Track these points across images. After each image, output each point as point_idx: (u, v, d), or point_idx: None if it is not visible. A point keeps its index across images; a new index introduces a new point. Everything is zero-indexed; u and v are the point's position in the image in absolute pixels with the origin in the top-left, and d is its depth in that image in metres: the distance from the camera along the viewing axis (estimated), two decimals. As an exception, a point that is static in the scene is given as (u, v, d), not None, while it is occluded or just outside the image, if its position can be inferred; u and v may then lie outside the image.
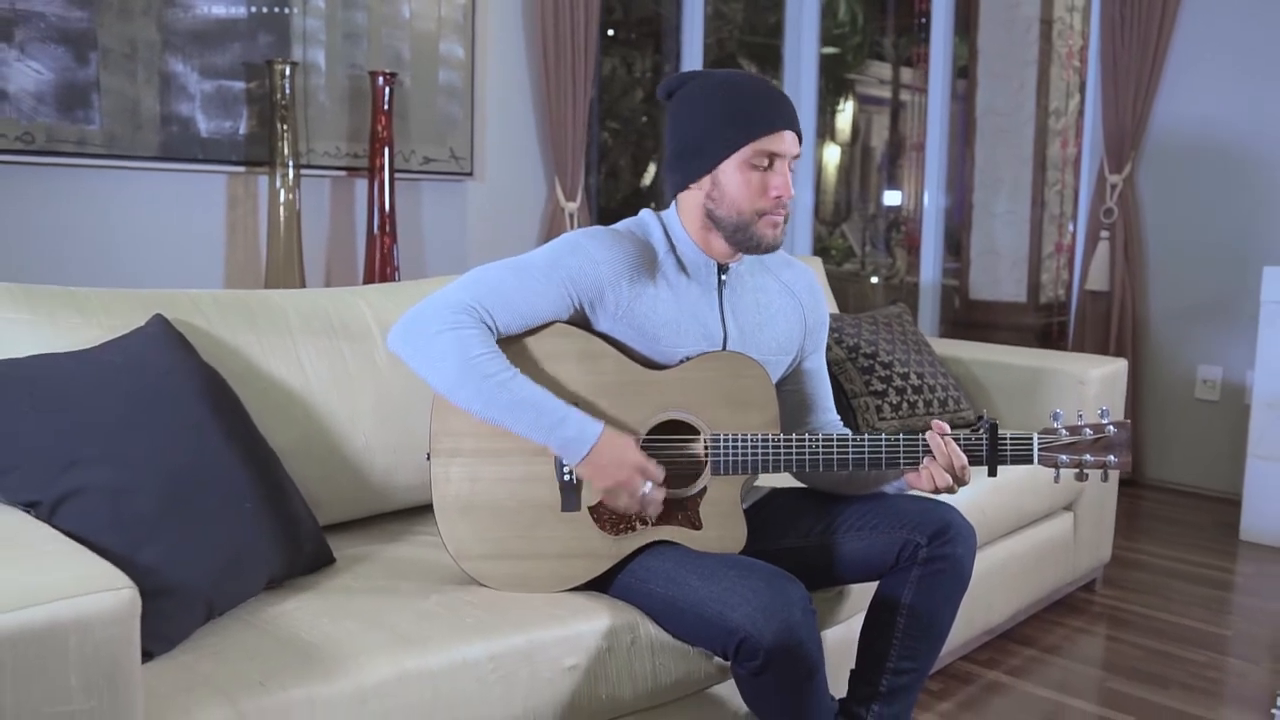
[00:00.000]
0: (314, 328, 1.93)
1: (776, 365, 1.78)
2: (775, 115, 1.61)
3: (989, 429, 1.65)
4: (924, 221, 4.67)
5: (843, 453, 1.65)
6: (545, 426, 1.55)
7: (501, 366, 1.56)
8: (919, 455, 1.65)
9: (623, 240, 1.66)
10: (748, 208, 1.62)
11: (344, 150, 3.42)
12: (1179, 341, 4.00)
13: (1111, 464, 1.66)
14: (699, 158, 1.65)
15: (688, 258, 1.70)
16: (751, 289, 1.76)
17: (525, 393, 1.55)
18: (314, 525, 1.68)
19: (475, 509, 1.63)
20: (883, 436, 1.65)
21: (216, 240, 3.22)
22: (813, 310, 1.83)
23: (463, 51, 3.69)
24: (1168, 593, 2.95)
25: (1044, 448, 1.66)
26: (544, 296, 1.62)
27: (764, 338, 1.75)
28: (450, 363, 1.55)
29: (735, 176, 1.62)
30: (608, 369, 1.65)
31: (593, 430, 1.56)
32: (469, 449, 1.63)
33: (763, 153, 1.61)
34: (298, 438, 1.83)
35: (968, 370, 2.91)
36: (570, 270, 1.63)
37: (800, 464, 1.65)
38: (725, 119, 1.61)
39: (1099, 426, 1.66)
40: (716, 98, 1.63)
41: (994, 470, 1.67)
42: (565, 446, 1.56)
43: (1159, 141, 3.97)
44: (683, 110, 1.67)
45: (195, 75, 3.06)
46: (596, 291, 1.63)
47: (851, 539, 1.76)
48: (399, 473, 1.94)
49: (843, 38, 7.14)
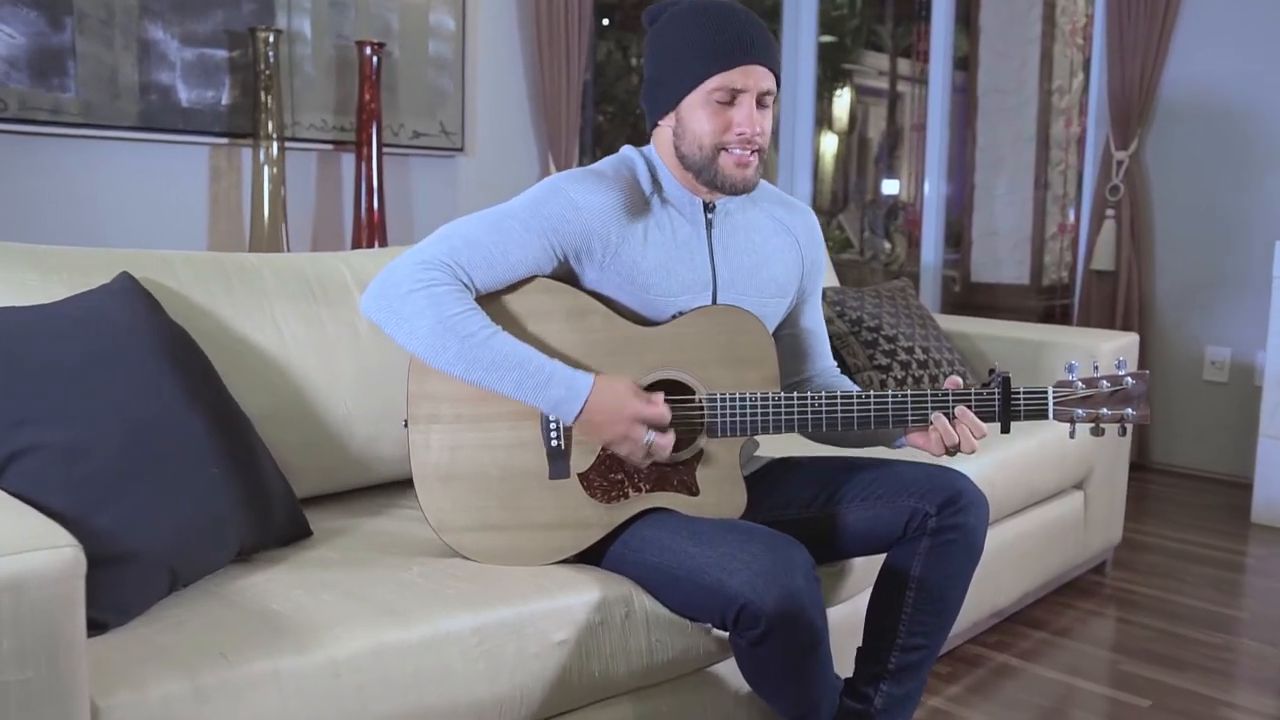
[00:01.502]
0: (291, 291, 1.83)
1: (775, 308, 1.69)
2: (739, 48, 1.51)
3: (1001, 383, 1.57)
4: (924, 206, 4.58)
5: (847, 411, 1.56)
6: (532, 386, 1.46)
7: (481, 324, 1.46)
8: (926, 412, 1.56)
9: (607, 181, 1.57)
10: (709, 142, 1.53)
11: (330, 123, 3.32)
12: (1186, 322, 3.91)
13: (1130, 417, 1.58)
14: (664, 91, 1.57)
15: (673, 195, 1.62)
16: (744, 227, 1.67)
17: (508, 350, 1.46)
18: (288, 495, 1.59)
19: (457, 478, 1.54)
20: (889, 393, 1.57)
21: (199, 214, 3.13)
22: (809, 248, 1.75)
23: (453, 23, 3.59)
24: (1180, 575, 2.87)
25: (1059, 401, 1.58)
26: (524, 248, 1.53)
27: (760, 279, 1.66)
28: (425, 323, 1.46)
29: (697, 113, 1.53)
30: (596, 326, 1.55)
31: (583, 384, 1.47)
32: (449, 415, 1.53)
33: (725, 88, 1.51)
34: (273, 405, 1.73)
35: (973, 345, 2.82)
36: (552, 218, 1.53)
37: (802, 424, 1.56)
38: (688, 52, 1.53)
39: (1116, 378, 1.58)
40: (681, 29, 1.54)
41: (1007, 426, 1.59)
42: (557, 406, 1.47)
43: (1166, 116, 3.88)
44: (654, 40, 1.59)
45: (176, 43, 2.96)
46: (582, 239, 1.54)
47: (856, 509, 1.68)
48: (381, 443, 1.84)
49: (840, 22, 7.05)
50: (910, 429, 1.60)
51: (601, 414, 1.46)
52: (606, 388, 1.47)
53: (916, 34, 6.20)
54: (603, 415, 1.46)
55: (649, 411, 1.47)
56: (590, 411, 1.46)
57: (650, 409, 1.47)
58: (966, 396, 1.57)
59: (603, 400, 1.47)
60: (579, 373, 1.48)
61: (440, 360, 1.46)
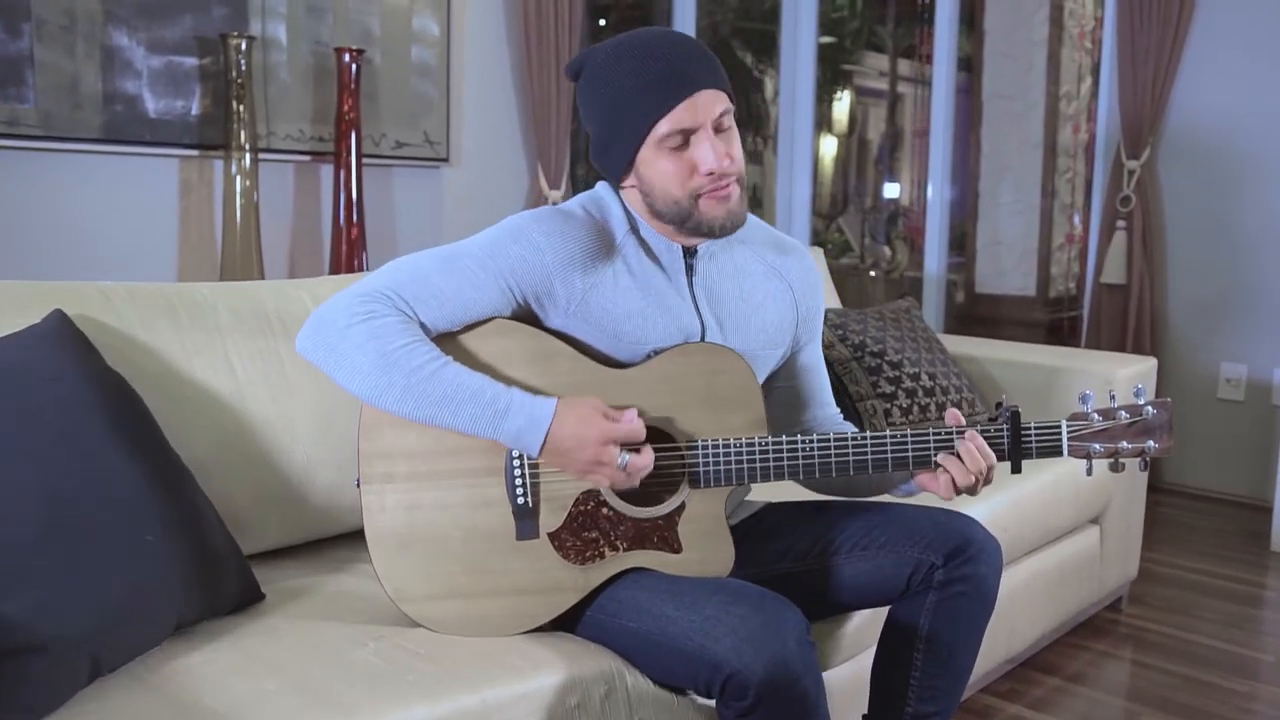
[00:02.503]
0: (247, 326, 1.69)
1: (765, 360, 1.55)
2: (674, 82, 1.35)
3: (1010, 417, 1.43)
4: (928, 213, 4.44)
5: (841, 454, 1.42)
6: (490, 418, 1.31)
7: (428, 355, 1.32)
8: (930, 453, 1.42)
9: (574, 223, 1.42)
10: (680, 192, 1.38)
11: (308, 133, 3.17)
12: (1201, 338, 3.76)
13: (1151, 450, 1.44)
14: (612, 154, 1.42)
15: (650, 240, 1.47)
16: (731, 272, 1.52)
17: (461, 381, 1.32)
18: (236, 557, 1.44)
19: (416, 542, 1.40)
20: (887, 434, 1.42)
21: (168, 231, 2.98)
22: (806, 295, 1.59)
23: (437, 28, 3.44)
24: (1198, 611, 2.72)
25: (1074, 436, 1.43)
26: (479, 289, 1.38)
27: (750, 329, 1.52)
28: (367, 358, 1.31)
29: (656, 165, 1.38)
30: (561, 369, 1.41)
31: (545, 410, 1.32)
32: (404, 473, 1.39)
33: (674, 131, 1.36)
34: (225, 453, 1.59)
35: (982, 369, 2.67)
36: (510, 260, 1.39)
37: (794, 470, 1.42)
38: (622, 103, 1.37)
39: (1135, 409, 1.44)
40: (607, 79, 1.39)
41: (1018, 465, 1.45)
42: (519, 437, 1.32)
43: (1180, 125, 3.73)
44: (585, 99, 1.44)
45: (142, 50, 2.81)
46: (543, 284, 1.40)
47: (856, 560, 1.54)
48: (344, 492, 1.70)
49: (841, 23, 6.91)
50: (916, 471, 1.46)
51: (568, 440, 1.32)
52: (570, 411, 1.33)
53: (919, 35, 6.05)
54: (570, 441, 1.32)
55: (619, 429, 1.33)
56: (555, 439, 1.32)
57: (620, 426, 1.33)
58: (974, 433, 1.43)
59: (567, 425, 1.32)
60: (540, 398, 1.34)
61: (386, 399, 1.32)
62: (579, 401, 1.34)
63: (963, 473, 1.40)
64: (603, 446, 1.32)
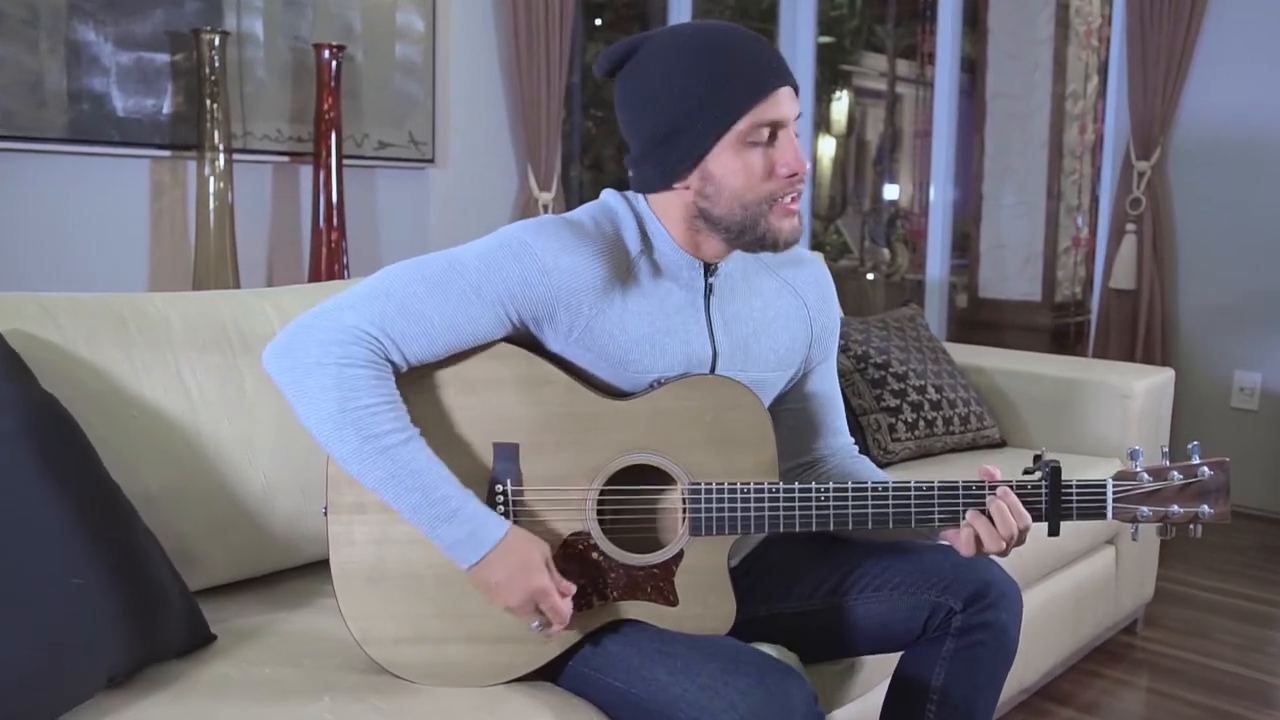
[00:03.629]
0: (204, 340, 1.56)
1: (774, 382, 1.42)
2: (765, 72, 1.23)
3: (1049, 474, 1.30)
4: (930, 215, 4.31)
5: (860, 507, 1.30)
6: (430, 517, 1.19)
7: (391, 425, 1.19)
8: (959, 510, 1.29)
9: (584, 239, 1.27)
10: (753, 196, 1.25)
11: (286, 133, 3.04)
12: (1213, 345, 3.64)
13: (1206, 515, 1.31)
14: (676, 150, 1.25)
15: (666, 257, 1.32)
16: (744, 292, 1.39)
17: (415, 466, 1.19)
18: (183, 598, 1.31)
19: (386, 579, 1.27)
20: (910, 485, 1.29)
21: (139, 235, 2.85)
22: (821, 312, 1.46)
23: (422, 23, 3.31)
24: (1216, 633, 2.60)
25: (1120, 497, 1.30)
26: (474, 320, 1.25)
27: (760, 350, 1.39)
28: (327, 406, 1.18)
29: (732, 163, 1.24)
30: (555, 398, 1.28)
31: (491, 535, 1.20)
32: (376, 502, 1.26)
33: (761, 124, 1.23)
34: (176, 480, 1.46)
35: (990, 381, 2.55)
36: (510, 282, 1.25)
37: (805, 522, 1.29)
38: (702, 92, 1.22)
39: (1190, 469, 1.30)
40: (682, 65, 1.24)
41: (1056, 528, 1.32)
42: (453, 547, 1.21)
43: (1192, 125, 3.60)
44: (640, 90, 1.27)
45: (110, 45, 2.68)
46: (545, 309, 1.26)
47: (867, 602, 1.42)
48: (307, 520, 1.57)
49: (840, 22, 6.80)
50: (942, 528, 1.33)
51: (500, 575, 1.21)
52: (516, 549, 1.21)
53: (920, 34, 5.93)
54: (501, 577, 1.21)
55: (551, 599, 1.22)
56: (488, 568, 1.21)
57: (554, 597, 1.22)
58: (1009, 486, 1.30)
59: (508, 561, 1.21)
60: (492, 519, 1.21)
61: (337, 451, 1.20)
62: (530, 543, 1.23)
63: (992, 535, 1.27)
64: (527, 600, 1.22)
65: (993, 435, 2.43)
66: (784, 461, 1.51)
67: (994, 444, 2.44)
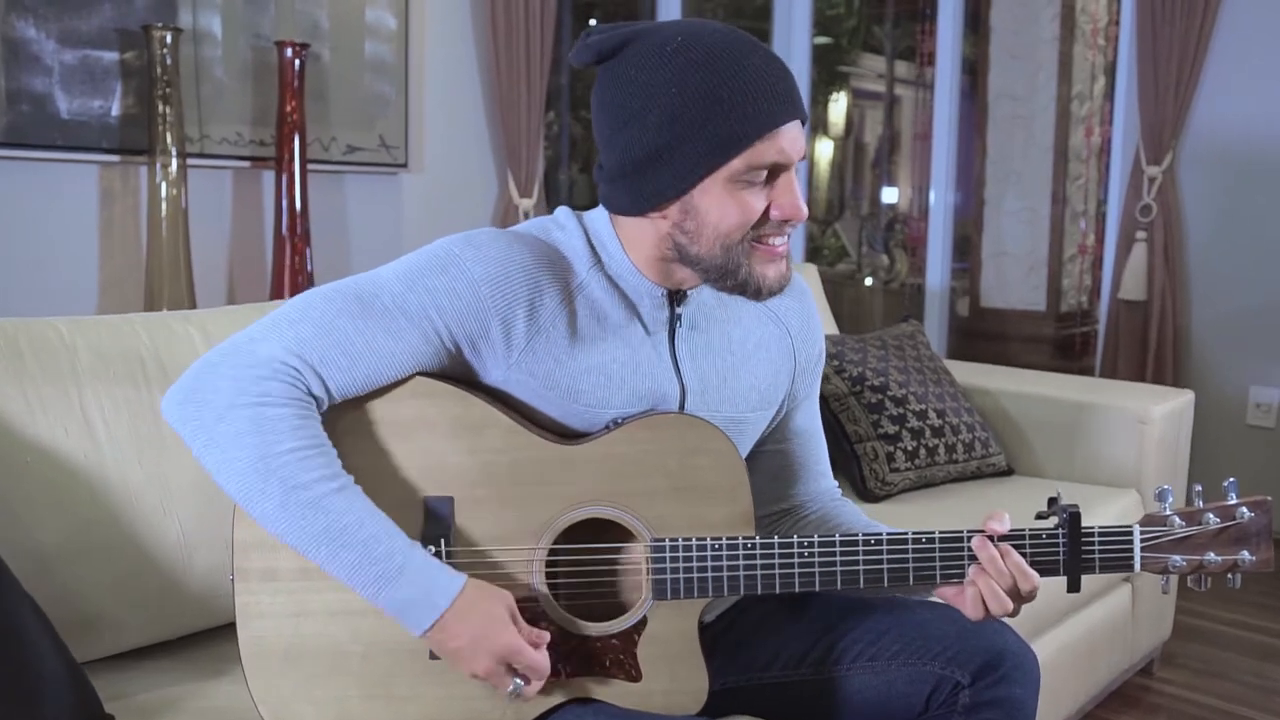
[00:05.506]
0: (115, 371, 1.39)
1: (754, 423, 1.25)
2: (776, 101, 1.04)
3: (1068, 520, 1.12)
4: (930, 220, 4.14)
5: (850, 564, 1.13)
6: (373, 577, 1.01)
7: (320, 473, 1.02)
8: (963, 565, 1.12)
9: (521, 247, 1.11)
10: (739, 238, 1.07)
11: (247, 136, 2.87)
12: (1228, 359, 3.46)
13: (1245, 563, 1.14)
14: (658, 179, 1.07)
15: (624, 281, 1.15)
16: (721, 320, 1.21)
17: (351, 519, 1.02)
18: (69, 677, 1.13)
19: (303, 657, 1.10)
20: (908, 536, 1.12)
21: (87, 246, 2.67)
22: (805, 342, 1.29)
23: (394, 20, 3.14)
24: (1238, 674, 2.42)
25: (1149, 545, 1.13)
26: (397, 336, 1.08)
27: (738, 386, 1.21)
28: (245, 455, 1.01)
29: (721, 201, 1.06)
30: (496, 444, 1.10)
31: (444, 591, 1.03)
32: (290, 568, 1.09)
33: (762, 164, 1.04)
34: (76, 533, 1.29)
35: (996, 404, 2.37)
36: (436, 294, 1.08)
37: (787, 582, 1.12)
38: (699, 116, 1.03)
39: (1226, 510, 1.14)
40: (680, 79, 1.04)
41: (1076, 584, 1.15)
42: (403, 610, 1.02)
43: (1205, 128, 3.43)
44: (625, 98, 1.07)
45: (52, 43, 2.50)
46: (478, 325, 1.09)
47: (862, 673, 1.25)
48: (229, 577, 1.39)
49: (836, 21, 6.64)
50: (942, 585, 1.16)
51: (462, 638, 1.03)
52: (477, 604, 1.03)
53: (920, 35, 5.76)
54: (463, 641, 1.03)
55: (525, 654, 1.04)
56: (446, 630, 1.02)
57: (527, 651, 1.04)
58: (1020, 539, 1.13)
59: (469, 621, 1.03)
60: (444, 573, 1.04)
61: (258, 509, 1.02)
62: (491, 595, 1.05)
63: (995, 598, 1.10)
64: (498, 663, 1.04)
65: (999, 463, 2.25)
66: (758, 509, 1.34)
67: (1000, 472, 2.26)
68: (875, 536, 1.12)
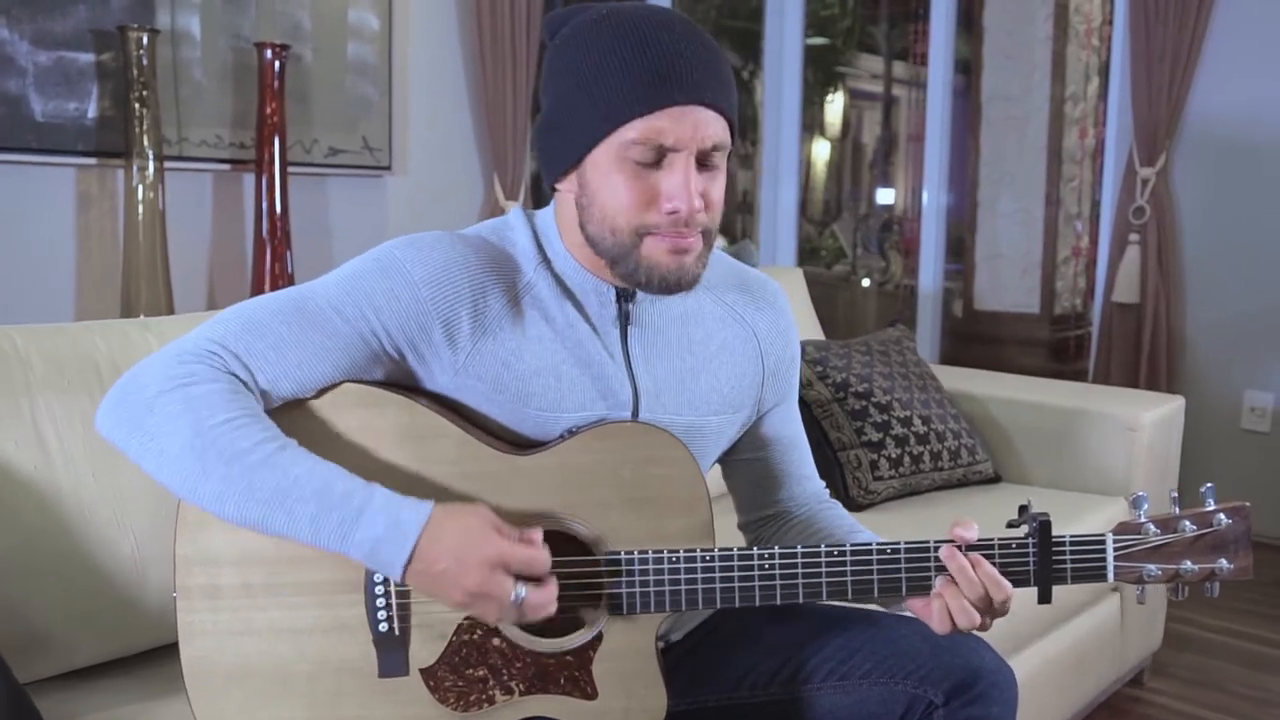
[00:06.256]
0: (70, 380, 1.35)
1: (721, 429, 1.21)
2: (669, 79, 1.01)
3: (1037, 529, 1.09)
4: (923, 221, 4.10)
5: (812, 577, 1.09)
6: (336, 523, 0.97)
7: (260, 435, 0.99)
8: (930, 576, 1.08)
9: (464, 248, 1.09)
10: (624, 223, 1.04)
11: (227, 139, 2.83)
12: (1222, 363, 3.43)
13: (1223, 571, 1.11)
14: (560, 142, 1.07)
15: (569, 278, 1.13)
16: (678, 319, 1.18)
17: (300, 471, 0.98)
18: (10, 701, 1.10)
19: (249, 677, 1.06)
20: (873, 547, 1.09)
21: (64, 251, 2.64)
22: (775, 345, 1.25)
23: (377, 21, 3.10)
24: (1230, 684, 2.38)
25: (1122, 554, 1.10)
26: (334, 339, 1.05)
27: (699, 389, 1.18)
28: (179, 438, 0.98)
29: (609, 177, 1.04)
30: (443, 454, 1.07)
31: (413, 517, 0.98)
32: (233, 585, 1.06)
33: (647, 141, 1.01)
34: (23, 547, 1.25)
35: (983, 410, 2.33)
36: (375, 295, 1.05)
37: (747, 595, 1.08)
38: (592, 81, 1.02)
39: (1203, 517, 1.10)
40: (585, 47, 1.04)
41: (1047, 595, 1.11)
42: (375, 550, 0.97)
43: (1199, 129, 3.39)
44: (550, 64, 1.09)
45: (26, 44, 2.47)
46: (420, 329, 1.06)
47: (832, 693, 1.21)
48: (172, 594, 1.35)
49: (831, 22, 6.60)
50: (909, 597, 1.12)
51: (444, 559, 0.97)
52: (450, 520, 0.99)
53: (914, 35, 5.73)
54: (446, 560, 0.97)
55: (515, 552, 0.98)
56: (426, 556, 0.97)
57: (519, 548, 0.99)
58: (990, 549, 1.09)
59: (445, 538, 0.97)
60: (410, 500, 0.99)
61: (201, 493, 0.98)
62: (463, 509, 1.00)
63: (963, 611, 1.06)
64: (491, 572, 0.97)
65: (986, 470, 2.21)
66: (744, 515, 1.33)
67: (987, 479, 2.23)
68: (839, 548, 1.09)
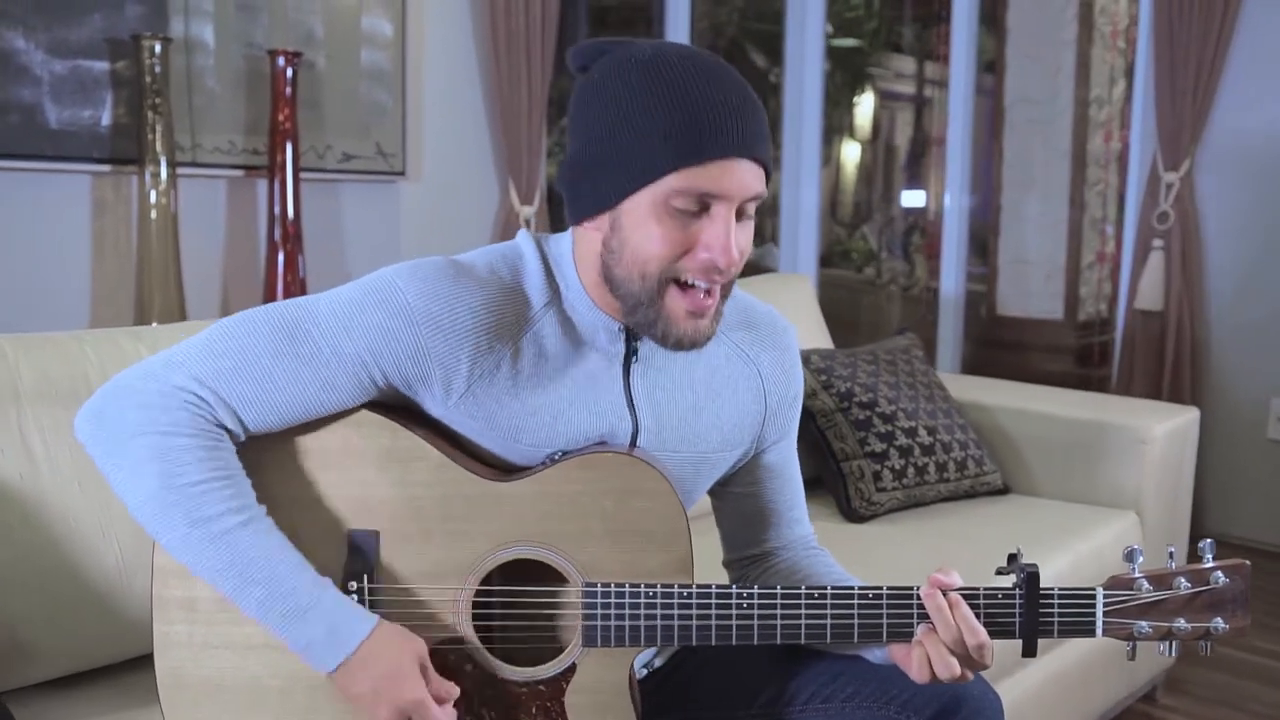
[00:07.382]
0: (59, 390, 1.36)
1: (715, 463, 1.20)
2: (722, 133, 0.99)
3: (1025, 581, 1.06)
4: (945, 224, 4.06)
5: (791, 619, 1.07)
6: (280, 615, 0.98)
7: (224, 505, 0.99)
8: (912, 621, 1.06)
9: (470, 282, 1.06)
10: (656, 269, 1.02)
11: (240, 145, 2.85)
12: (1247, 371, 3.36)
13: (1219, 631, 1.07)
14: (595, 183, 1.03)
15: (579, 314, 1.10)
16: (682, 356, 1.14)
17: (257, 553, 0.99)
18: (-15, 709, 1.11)
19: (221, 690, 1.06)
20: (854, 589, 1.07)
21: (80, 257, 2.67)
22: (779, 384, 1.22)
23: (391, 28, 3.11)
24: (1248, 702, 2.33)
25: (1113, 610, 1.06)
26: (324, 382, 1.04)
27: (699, 426, 1.16)
28: (148, 484, 0.99)
29: (646, 224, 1.01)
30: (422, 478, 1.06)
31: (352, 632, 0.99)
32: (209, 599, 1.06)
33: (693, 191, 0.99)
34: (7, 554, 1.26)
35: (993, 420, 2.30)
36: (370, 335, 1.03)
37: (724, 634, 1.07)
38: (639, 127, 0.99)
39: (1200, 574, 1.06)
40: (632, 90, 1.00)
41: (1032, 648, 1.08)
42: (308, 648, 0.99)
43: (1224, 134, 3.32)
44: (585, 101, 1.05)
45: (41, 53, 2.50)
46: (416, 369, 1.05)
47: (815, 716, 1.20)
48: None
49: (857, 23, 6.55)
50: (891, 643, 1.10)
51: (365, 685, 0.99)
52: (386, 648, 1.00)
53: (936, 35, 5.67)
54: (366, 688, 0.99)
55: (427, 712, 1.00)
56: (351, 674, 0.99)
57: (429, 709, 1.00)
58: (975, 598, 1.07)
59: (373, 668, 0.99)
60: (355, 614, 1.00)
61: (164, 539, 1.00)
62: (400, 642, 1.01)
63: (942, 661, 1.04)
64: (397, 716, 1.00)
65: (994, 481, 2.18)
66: (730, 552, 1.30)
67: (995, 491, 2.19)
68: (820, 590, 1.07)
